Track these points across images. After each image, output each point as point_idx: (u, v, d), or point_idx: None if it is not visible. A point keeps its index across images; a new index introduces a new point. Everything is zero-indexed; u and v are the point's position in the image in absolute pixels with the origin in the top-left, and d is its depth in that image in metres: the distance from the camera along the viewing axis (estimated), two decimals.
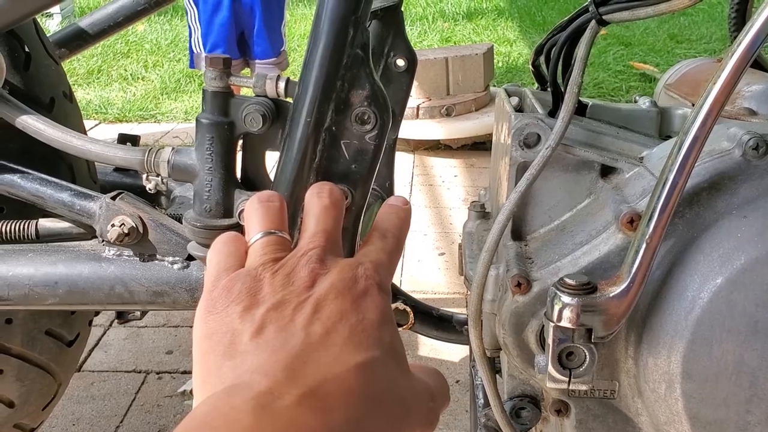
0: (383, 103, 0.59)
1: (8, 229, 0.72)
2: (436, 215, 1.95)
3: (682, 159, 0.52)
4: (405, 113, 2.08)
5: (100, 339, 1.42)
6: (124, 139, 0.95)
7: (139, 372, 1.32)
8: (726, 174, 0.56)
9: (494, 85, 2.73)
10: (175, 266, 0.71)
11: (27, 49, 0.79)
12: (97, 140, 0.69)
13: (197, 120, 0.63)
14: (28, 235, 0.73)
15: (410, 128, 2.25)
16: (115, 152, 0.67)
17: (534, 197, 0.67)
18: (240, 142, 0.66)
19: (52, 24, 3.82)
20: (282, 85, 0.63)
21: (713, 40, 3.47)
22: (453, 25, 4.03)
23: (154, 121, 2.65)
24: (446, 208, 1.98)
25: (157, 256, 0.71)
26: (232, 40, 2.20)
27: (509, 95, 0.80)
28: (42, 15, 3.81)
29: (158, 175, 0.66)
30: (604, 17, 0.68)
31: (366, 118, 0.59)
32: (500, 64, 3.24)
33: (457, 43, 3.58)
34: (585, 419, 0.60)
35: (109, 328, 1.45)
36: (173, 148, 0.66)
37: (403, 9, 0.96)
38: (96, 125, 2.58)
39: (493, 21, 4.07)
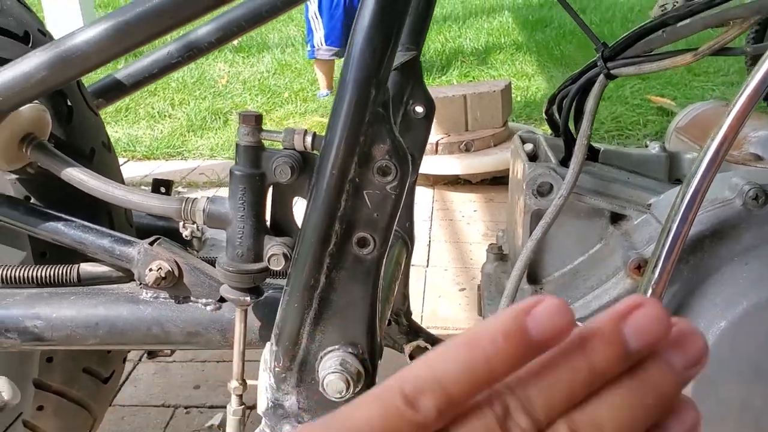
0: (403, 155, 0.63)
1: (52, 273, 0.77)
2: (456, 250, 1.98)
3: (685, 208, 0.55)
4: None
5: (130, 374, 1.46)
6: (158, 183, 1.01)
7: (168, 406, 1.36)
8: (728, 222, 0.59)
9: (513, 120, 2.78)
10: (208, 308, 0.75)
11: (69, 103, 0.84)
12: (136, 190, 0.73)
13: (231, 171, 0.68)
14: (70, 279, 0.77)
15: (430, 164, 2.29)
16: (153, 202, 0.71)
17: (549, 243, 0.70)
18: (270, 191, 0.70)
19: None
20: (309, 139, 0.67)
21: (731, 72, 3.49)
22: (471, 60, 4.10)
23: (181, 158, 2.72)
24: (466, 243, 2.01)
25: (192, 298, 0.75)
26: (345, 39, 2.36)
27: (524, 142, 0.84)
28: None
29: (194, 222, 0.71)
30: (611, 71, 0.72)
31: (387, 170, 0.63)
32: (519, 99, 3.29)
33: (476, 79, 3.64)
34: None
35: (138, 363, 1.49)
36: (208, 198, 0.71)
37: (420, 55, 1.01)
38: (125, 162, 2.65)
39: (511, 56, 4.13)
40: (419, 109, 0.99)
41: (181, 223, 0.72)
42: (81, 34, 0.65)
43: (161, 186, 1.02)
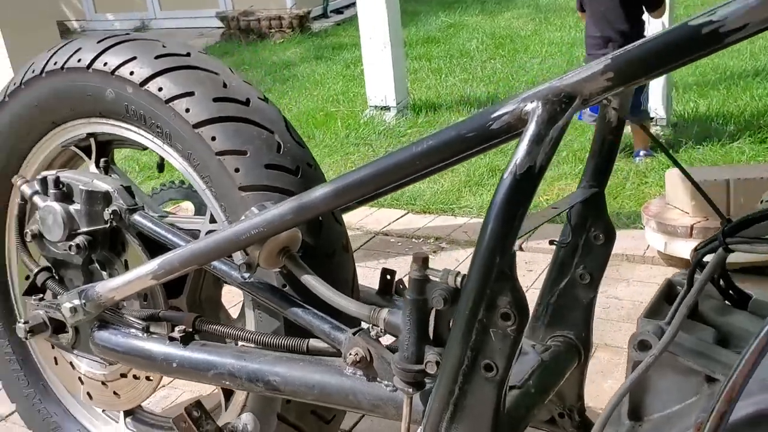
0: (522, 306, 0.82)
1: (290, 343, 1.09)
2: None
3: (728, 391, 0.66)
4: (680, 232, 2.15)
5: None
6: (385, 272, 1.29)
7: None
8: None
9: None
10: (388, 388, 1.00)
11: (321, 218, 1.16)
12: (346, 297, 1.02)
13: (404, 295, 0.92)
14: (301, 349, 1.08)
15: (683, 247, 2.29)
16: (353, 307, 0.99)
17: (652, 386, 0.83)
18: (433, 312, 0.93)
19: (388, 116, 4.51)
20: (459, 279, 0.89)
21: None
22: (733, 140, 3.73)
23: (451, 214, 3.04)
24: None
25: (378, 378, 1.01)
26: None
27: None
28: (379, 108, 4.54)
29: (376, 326, 0.97)
30: (729, 246, 0.82)
31: (507, 316, 0.82)
32: None
33: (739, 161, 3.38)
34: None
35: None
36: (389, 310, 0.96)
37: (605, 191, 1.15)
38: (404, 215, 3.05)
39: None
40: (600, 237, 1.13)
41: (370, 325, 0.99)
42: (315, 192, 0.95)
43: (387, 274, 1.30)
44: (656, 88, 3.87)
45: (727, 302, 0.96)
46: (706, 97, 4.37)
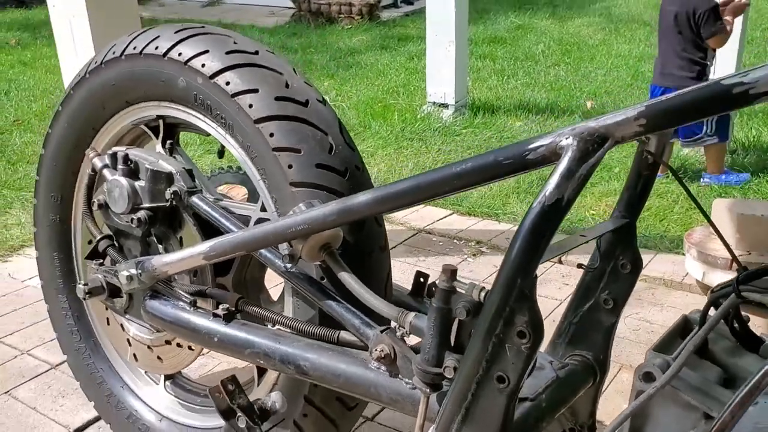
0: (538, 326, 0.88)
1: (323, 333, 1.17)
2: None
3: (718, 428, 0.71)
4: (720, 263, 2.17)
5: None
6: (419, 275, 1.36)
7: None
8: None
9: None
10: (408, 386, 1.07)
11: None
12: (378, 297, 1.09)
13: (431, 303, 0.99)
14: (331, 339, 1.16)
15: (721, 278, 2.29)
16: (383, 307, 1.06)
17: (652, 416, 0.88)
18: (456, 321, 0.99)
19: (446, 113, 4.56)
20: (483, 294, 0.95)
21: None
22: None
23: (495, 219, 3.08)
24: None
25: (399, 375, 1.08)
26: None
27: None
28: (437, 105, 4.59)
29: (402, 327, 1.04)
30: (742, 293, 0.87)
31: (523, 334, 0.88)
32: None
33: None
34: None
35: None
36: (416, 315, 1.03)
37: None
38: (449, 215, 3.11)
39: None
40: (627, 266, 1.18)
41: (396, 324, 1.06)
42: (358, 197, 1.03)
43: (420, 277, 1.37)
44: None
45: (739, 344, 1.00)
46: None
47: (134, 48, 1.39)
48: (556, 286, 2.45)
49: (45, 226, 1.66)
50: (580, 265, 1.22)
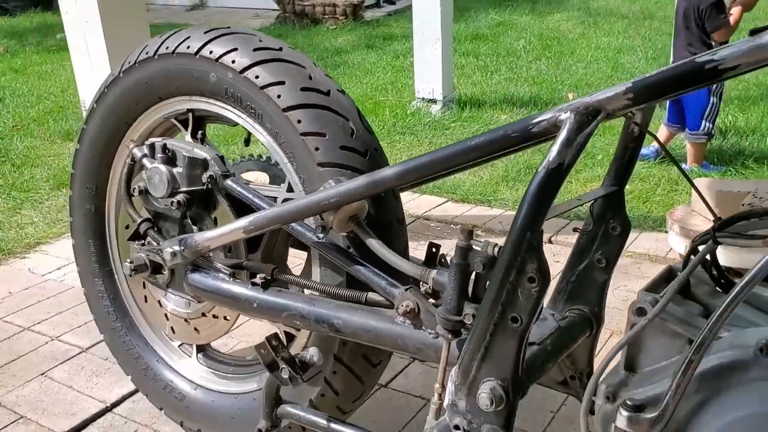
0: (545, 272, 1.03)
1: (352, 294, 1.32)
2: None
3: (702, 345, 0.87)
4: None
5: (404, 368, 2.01)
6: (431, 246, 1.51)
7: (424, 399, 1.87)
8: (741, 361, 0.88)
9: None
10: (431, 336, 1.22)
11: (383, 194, 1.38)
12: (403, 259, 1.24)
13: (450, 260, 1.14)
14: (360, 300, 1.31)
15: None
16: (407, 267, 1.21)
17: (644, 345, 1.04)
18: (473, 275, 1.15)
19: (434, 109, 4.72)
20: (496, 249, 1.10)
21: None
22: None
23: (488, 205, 3.25)
24: None
25: (423, 327, 1.23)
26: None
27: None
28: (426, 101, 4.74)
29: (426, 283, 1.19)
30: (718, 239, 1.03)
31: (533, 279, 1.03)
32: None
33: None
34: None
35: (410, 364, 2.03)
36: (437, 271, 1.18)
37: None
38: (444, 202, 3.27)
39: None
40: (617, 228, 1.34)
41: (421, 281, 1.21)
42: (385, 171, 1.18)
43: (433, 247, 1.52)
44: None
45: (717, 288, 1.16)
46: (746, 112, 4.49)
47: (167, 48, 1.53)
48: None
49: (80, 216, 1.80)
50: (575, 229, 1.38)
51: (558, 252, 2.69)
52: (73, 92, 5.60)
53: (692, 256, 1.11)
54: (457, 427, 1.14)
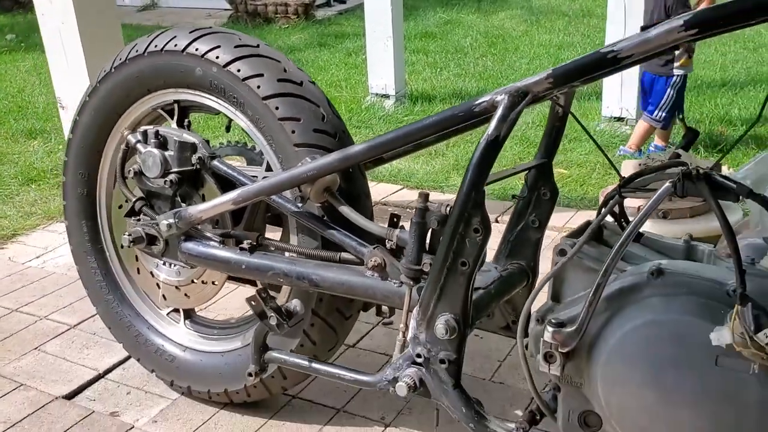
0: (487, 224, 1.28)
1: (327, 255, 1.55)
2: None
3: (607, 271, 1.13)
4: (628, 211, 2.61)
5: (369, 332, 2.24)
6: (393, 216, 1.75)
7: (385, 354, 2.10)
8: (639, 283, 1.14)
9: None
10: (396, 285, 1.46)
11: (351, 170, 1.61)
12: (371, 222, 1.48)
13: (411, 219, 1.38)
14: (334, 259, 1.54)
15: None
16: (377, 229, 1.46)
17: (567, 279, 1.30)
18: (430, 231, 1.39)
19: (388, 103, 4.96)
20: (448, 209, 1.35)
21: None
22: (732, 132, 4.29)
23: (440, 191, 3.51)
24: None
25: (389, 279, 1.47)
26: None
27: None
28: (379, 96, 4.99)
29: (392, 240, 1.43)
30: (623, 194, 1.29)
31: (477, 231, 1.28)
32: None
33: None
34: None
35: (375, 326, 2.27)
36: (400, 230, 1.42)
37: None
38: (400, 189, 3.51)
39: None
40: (547, 194, 1.60)
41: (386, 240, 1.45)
42: (354, 147, 1.42)
43: (395, 218, 1.76)
44: (632, 90, 4.41)
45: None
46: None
47: (155, 46, 1.74)
48: (495, 239, 2.88)
49: (73, 199, 1.98)
50: (513, 196, 1.63)
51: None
52: (30, 92, 5.68)
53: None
54: (418, 356, 1.38)
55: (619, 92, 4.51)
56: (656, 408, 1.12)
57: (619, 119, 4.62)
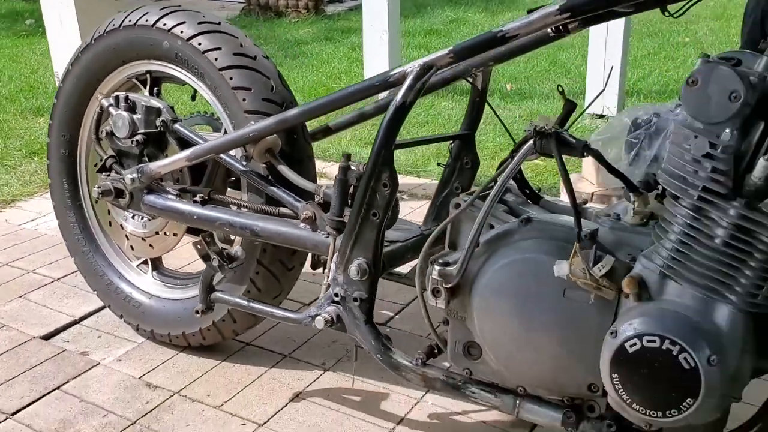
0: (395, 179, 1.46)
1: (267, 209, 1.74)
2: None
3: (483, 217, 1.31)
4: (583, 197, 2.79)
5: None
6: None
7: None
8: (512, 229, 1.32)
9: None
10: (323, 235, 1.65)
11: (295, 136, 1.81)
12: (305, 180, 1.67)
13: (336, 178, 1.57)
14: (274, 213, 1.74)
15: None
16: (310, 185, 1.65)
17: (463, 230, 1.48)
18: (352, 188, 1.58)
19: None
20: (361, 168, 1.53)
21: None
22: None
23: (416, 176, 3.69)
24: None
25: (318, 230, 1.66)
26: None
27: None
28: None
29: (320, 196, 1.63)
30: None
31: (386, 185, 1.46)
32: None
33: None
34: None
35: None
36: (326, 186, 1.62)
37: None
38: None
39: None
40: (469, 164, 1.79)
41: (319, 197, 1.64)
42: (290, 111, 1.61)
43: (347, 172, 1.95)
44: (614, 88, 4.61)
45: (529, 201, 1.61)
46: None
47: (130, 21, 1.94)
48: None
49: (56, 159, 2.19)
50: (439, 164, 1.82)
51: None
52: (42, 73, 5.94)
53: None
54: (336, 295, 1.57)
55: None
56: (520, 335, 1.31)
57: (601, 116, 4.84)
